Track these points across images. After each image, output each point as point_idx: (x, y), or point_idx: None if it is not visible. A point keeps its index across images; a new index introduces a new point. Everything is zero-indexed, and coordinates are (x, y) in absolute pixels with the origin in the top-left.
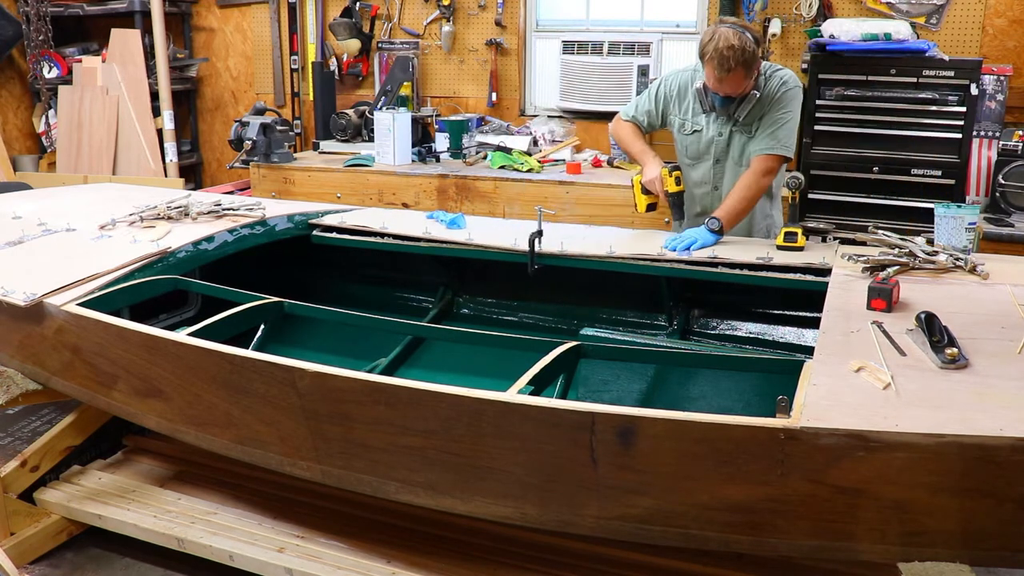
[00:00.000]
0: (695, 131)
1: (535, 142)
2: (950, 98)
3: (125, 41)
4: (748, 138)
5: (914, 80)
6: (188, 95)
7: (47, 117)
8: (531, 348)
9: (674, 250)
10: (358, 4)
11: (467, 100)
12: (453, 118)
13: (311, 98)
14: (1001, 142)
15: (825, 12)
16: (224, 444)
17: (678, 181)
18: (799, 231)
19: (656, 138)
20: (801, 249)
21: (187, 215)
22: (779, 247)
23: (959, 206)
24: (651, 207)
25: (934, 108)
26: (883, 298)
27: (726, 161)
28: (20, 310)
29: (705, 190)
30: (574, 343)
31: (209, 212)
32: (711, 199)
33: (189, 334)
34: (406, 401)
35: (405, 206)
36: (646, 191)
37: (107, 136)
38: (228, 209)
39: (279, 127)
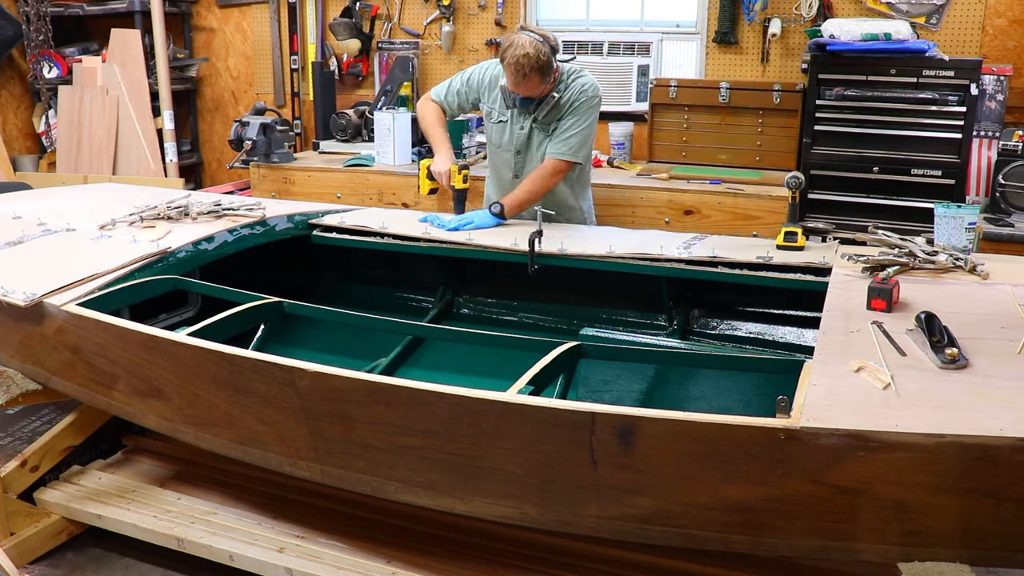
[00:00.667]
0: (500, 121)
1: None
2: (950, 98)
3: (125, 41)
4: (546, 136)
5: (914, 80)
6: (188, 95)
7: (47, 117)
8: (531, 348)
9: (441, 227)
10: (358, 4)
11: None
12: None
13: (311, 98)
14: (1001, 142)
15: (825, 12)
16: (224, 444)
17: (465, 179)
18: (799, 231)
19: None
20: (801, 249)
21: (187, 215)
22: (779, 247)
23: (959, 206)
24: (433, 191)
25: (934, 108)
26: (883, 298)
27: (527, 153)
28: (20, 310)
29: (508, 177)
30: (574, 343)
31: (209, 212)
32: (511, 187)
33: (189, 334)
34: (406, 401)
35: (405, 206)
36: (431, 177)
37: (107, 136)
38: (228, 209)
39: (279, 127)
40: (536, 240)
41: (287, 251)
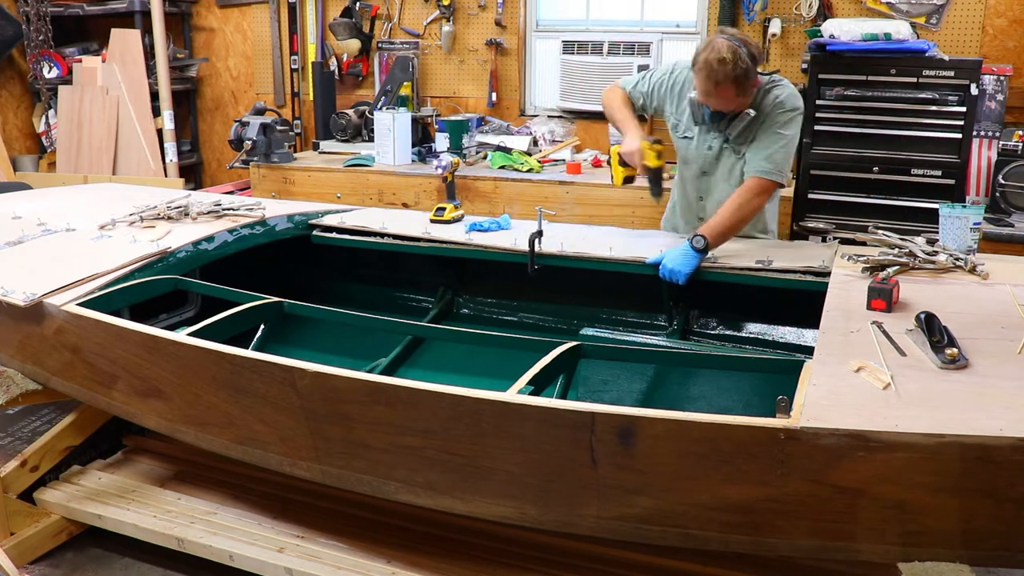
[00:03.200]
0: (686, 137)
1: (535, 142)
2: (950, 98)
3: (125, 41)
4: (738, 158)
5: (914, 80)
6: (188, 95)
7: (47, 117)
8: (531, 348)
9: (665, 276)
10: (358, 4)
11: (467, 100)
12: (453, 118)
13: (311, 98)
14: (1001, 142)
15: (825, 12)
16: (224, 444)
17: (659, 155)
18: (449, 206)
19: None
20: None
21: (187, 215)
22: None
23: (964, 206)
24: (628, 180)
25: (934, 108)
26: (883, 298)
27: (713, 175)
28: (20, 310)
29: (692, 197)
30: (574, 343)
31: (209, 212)
32: (696, 208)
33: (189, 334)
34: (406, 401)
35: (405, 206)
36: (624, 163)
37: (107, 136)
38: (228, 209)
39: (279, 127)
40: (536, 240)
41: (287, 251)
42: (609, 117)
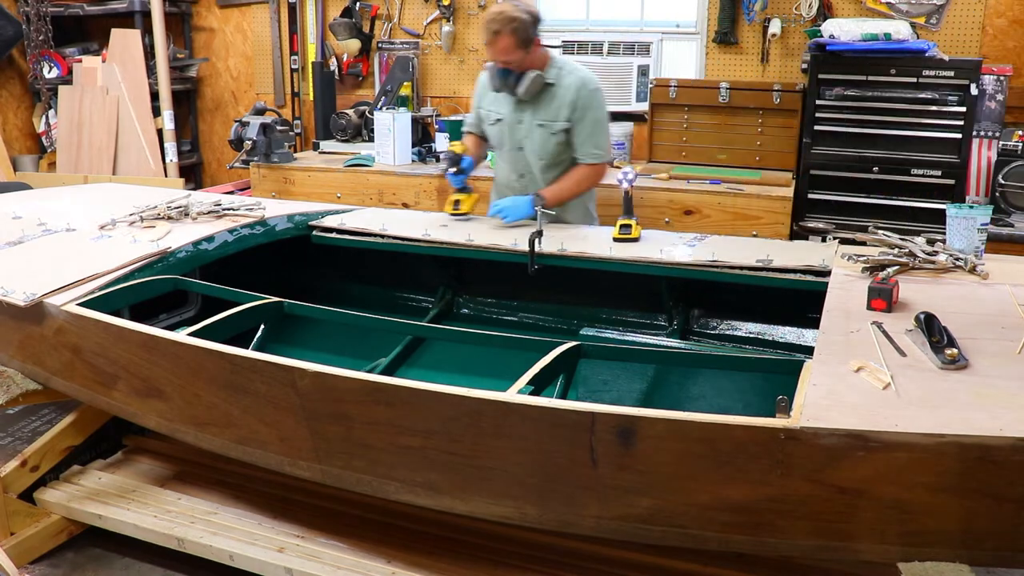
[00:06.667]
0: (497, 120)
1: None
2: (950, 98)
3: (125, 41)
4: (549, 134)
5: (914, 80)
6: (188, 95)
7: (47, 117)
8: (531, 348)
9: (500, 215)
10: (358, 4)
11: (467, 100)
12: (453, 118)
13: (311, 98)
14: (1001, 142)
15: (825, 12)
16: (224, 444)
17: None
18: (633, 223)
19: None
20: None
21: (187, 215)
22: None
23: (971, 207)
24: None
25: (934, 108)
26: (883, 298)
27: (527, 150)
28: (20, 310)
29: (513, 178)
30: (574, 343)
31: (209, 212)
32: (521, 187)
33: (189, 334)
34: (406, 401)
35: (405, 206)
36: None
37: (107, 136)
38: (228, 209)
39: (279, 127)
40: (536, 240)
41: (287, 251)
42: None
